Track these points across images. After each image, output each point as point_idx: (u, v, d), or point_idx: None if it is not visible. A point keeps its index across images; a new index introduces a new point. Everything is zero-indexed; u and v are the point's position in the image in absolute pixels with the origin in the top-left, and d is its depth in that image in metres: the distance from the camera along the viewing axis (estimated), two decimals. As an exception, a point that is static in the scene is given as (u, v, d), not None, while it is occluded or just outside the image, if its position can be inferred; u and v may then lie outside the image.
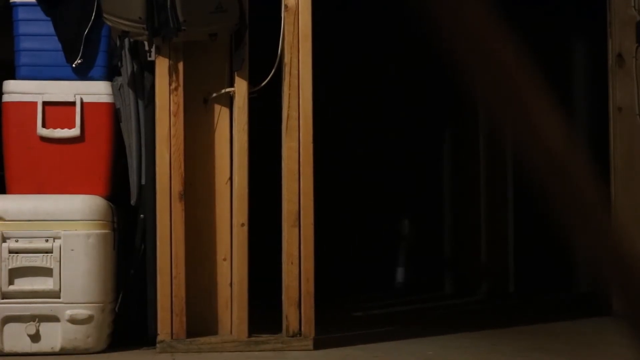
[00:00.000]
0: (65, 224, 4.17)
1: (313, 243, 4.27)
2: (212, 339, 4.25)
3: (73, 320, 4.14)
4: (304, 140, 4.28)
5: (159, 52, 4.24)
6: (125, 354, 4.19)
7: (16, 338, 4.14)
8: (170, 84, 4.25)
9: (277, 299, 4.36)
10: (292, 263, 4.27)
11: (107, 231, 4.22)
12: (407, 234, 7.14)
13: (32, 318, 4.13)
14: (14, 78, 4.41)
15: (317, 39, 4.32)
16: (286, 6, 4.31)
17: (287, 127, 4.30)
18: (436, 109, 7.13)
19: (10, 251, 4.14)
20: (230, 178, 4.32)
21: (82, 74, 4.40)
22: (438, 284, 7.02)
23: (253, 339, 4.24)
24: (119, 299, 4.37)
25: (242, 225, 4.27)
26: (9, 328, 4.14)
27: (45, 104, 4.37)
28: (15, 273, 4.14)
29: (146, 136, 4.32)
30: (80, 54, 4.39)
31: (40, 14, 4.40)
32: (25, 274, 4.15)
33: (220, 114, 4.35)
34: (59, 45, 4.39)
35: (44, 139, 4.36)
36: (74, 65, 4.39)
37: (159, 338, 4.21)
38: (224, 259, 4.32)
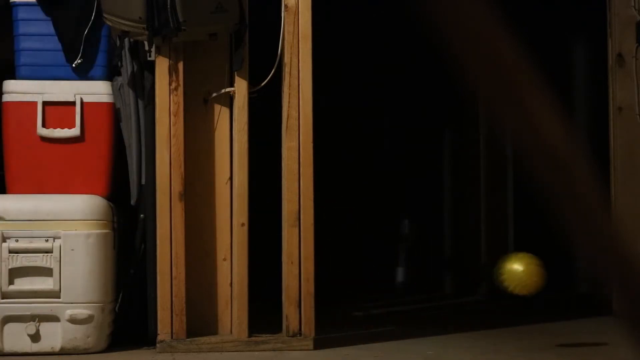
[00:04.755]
0: (65, 223, 4.17)
1: (313, 243, 4.27)
2: (212, 338, 4.25)
3: (73, 320, 4.14)
4: (304, 140, 4.29)
5: (159, 52, 4.25)
6: (125, 354, 4.19)
7: (16, 338, 4.14)
8: (170, 84, 4.25)
9: (277, 299, 4.36)
10: (292, 263, 4.27)
11: (107, 231, 4.22)
12: (407, 234, 7.14)
13: (32, 318, 4.13)
14: (14, 78, 4.41)
15: (317, 39, 4.32)
16: (286, 6, 4.31)
17: (287, 127, 4.30)
18: (436, 109, 7.13)
19: (11, 251, 4.14)
20: (230, 178, 4.32)
21: (82, 73, 4.40)
22: (438, 284, 7.02)
23: (253, 338, 4.24)
24: (119, 299, 4.37)
25: (242, 225, 4.27)
26: (9, 328, 4.14)
27: (45, 103, 4.37)
28: (16, 273, 4.14)
29: (146, 136, 4.32)
30: (80, 54, 4.39)
31: (40, 14, 4.40)
32: (26, 273, 4.15)
33: (220, 113, 4.35)
34: (59, 45, 4.40)
35: (44, 139, 4.36)
36: (74, 65, 4.39)
37: (159, 338, 4.21)
38: (224, 259, 4.32)
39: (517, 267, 4.36)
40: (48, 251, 4.15)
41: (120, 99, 4.37)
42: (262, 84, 4.31)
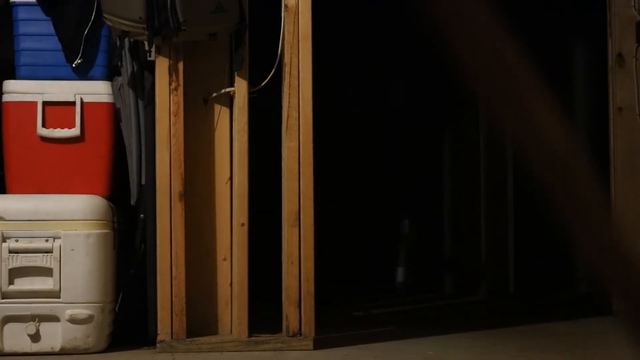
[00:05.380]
0: (65, 223, 4.17)
1: (313, 243, 4.27)
2: (212, 338, 4.25)
3: (73, 320, 4.14)
4: (304, 140, 4.29)
5: (159, 52, 4.25)
6: (125, 354, 4.19)
7: (16, 338, 4.14)
8: (170, 84, 4.25)
9: (277, 299, 4.36)
10: (292, 263, 4.27)
11: (107, 231, 4.22)
12: (407, 234, 7.14)
13: (32, 318, 4.13)
14: (14, 78, 4.41)
15: (317, 39, 4.32)
16: (286, 6, 4.31)
17: (287, 127, 4.30)
18: (436, 109, 7.13)
19: (10, 251, 4.14)
20: (230, 178, 4.32)
21: (82, 73, 4.41)
22: (438, 284, 7.02)
23: (253, 338, 4.24)
24: (119, 299, 4.37)
25: (242, 225, 4.27)
26: (9, 328, 4.14)
27: (45, 103, 4.37)
28: (15, 273, 4.14)
29: (146, 136, 4.32)
30: (80, 54, 4.39)
31: (40, 14, 4.40)
32: (26, 273, 4.15)
33: (221, 113, 4.35)
34: (59, 45, 4.40)
35: (44, 139, 4.37)
36: (74, 65, 4.39)
37: (159, 338, 4.21)
38: (224, 259, 4.32)
39: None
40: (48, 251, 4.15)
41: (120, 99, 4.37)
42: (262, 84, 4.31)
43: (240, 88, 4.29)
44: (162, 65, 4.26)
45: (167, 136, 4.25)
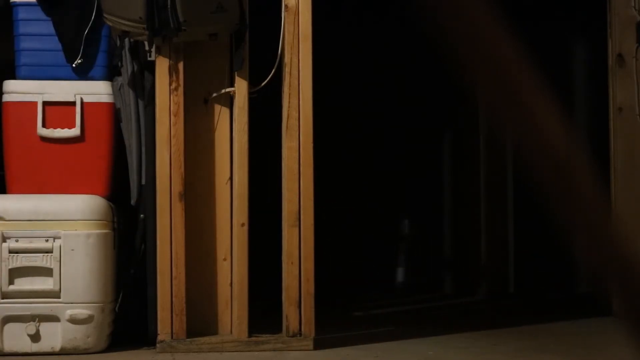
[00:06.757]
0: (65, 223, 4.17)
1: (313, 243, 4.27)
2: (212, 339, 4.25)
3: (73, 320, 4.14)
4: (304, 140, 4.29)
5: (159, 52, 4.25)
6: (125, 354, 4.19)
7: (16, 338, 4.14)
8: (170, 84, 4.25)
9: (277, 299, 4.36)
10: (292, 263, 4.27)
11: (107, 231, 4.22)
12: (407, 234, 7.14)
13: (32, 318, 4.13)
14: (14, 78, 4.41)
15: (317, 39, 4.32)
16: (286, 6, 4.31)
17: (287, 127, 4.30)
18: (436, 109, 7.13)
19: (10, 251, 4.14)
20: (230, 178, 4.32)
21: (82, 74, 4.41)
22: (438, 284, 7.02)
23: (253, 339, 4.24)
24: (119, 299, 4.37)
25: (242, 225, 4.27)
26: (9, 328, 4.14)
27: (45, 103, 4.37)
28: (16, 273, 4.14)
29: (146, 136, 4.33)
30: (80, 54, 4.39)
31: (40, 14, 4.40)
32: (26, 273, 4.15)
33: (221, 114, 4.35)
34: (59, 45, 4.40)
35: (44, 139, 4.37)
36: (74, 65, 4.39)
37: (159, 338, 4.21)
38: (224, 259, 4.32)
39: None
40: (48, 251, 4.15)
41: (120, 99, 4.37)
42: (263, 84, 4.31)
43: (241, 88, 4.29)
44: (162, 65, 4.26)
45: (167, 136, 4.25)
